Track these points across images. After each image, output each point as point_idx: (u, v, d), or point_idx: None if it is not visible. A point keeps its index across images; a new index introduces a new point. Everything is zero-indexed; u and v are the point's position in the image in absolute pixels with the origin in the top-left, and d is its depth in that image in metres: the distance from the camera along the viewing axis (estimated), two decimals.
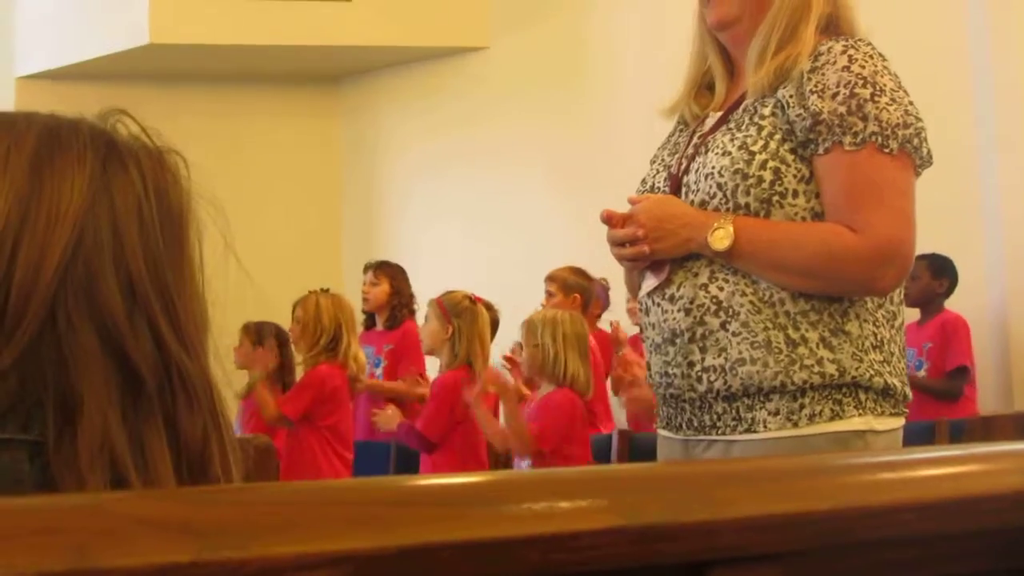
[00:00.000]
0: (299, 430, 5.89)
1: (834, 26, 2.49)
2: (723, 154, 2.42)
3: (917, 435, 5.06)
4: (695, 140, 2.53)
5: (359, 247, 8.99)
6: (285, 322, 6.62)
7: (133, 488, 0.95)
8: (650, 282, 2.49)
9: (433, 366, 6.24)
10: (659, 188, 2.55)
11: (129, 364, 1.01)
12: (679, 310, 2.44)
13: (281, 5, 8.55)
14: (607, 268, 6.63)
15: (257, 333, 6.47)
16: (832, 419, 2.35)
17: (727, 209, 2.40)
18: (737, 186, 2.39)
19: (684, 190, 2.48)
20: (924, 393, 6.39)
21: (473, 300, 5.69)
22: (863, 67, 2.39)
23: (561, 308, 6.33)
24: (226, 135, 9.17)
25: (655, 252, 2.44)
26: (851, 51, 2.40)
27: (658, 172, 2.58)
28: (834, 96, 2.37)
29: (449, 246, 8.66)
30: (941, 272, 6.66)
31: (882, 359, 2.40)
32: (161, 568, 0.72)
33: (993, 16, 6.98)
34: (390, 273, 7.01)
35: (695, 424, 2.45)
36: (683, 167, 2.50)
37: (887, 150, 2.36)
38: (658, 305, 2.48)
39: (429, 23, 8.73)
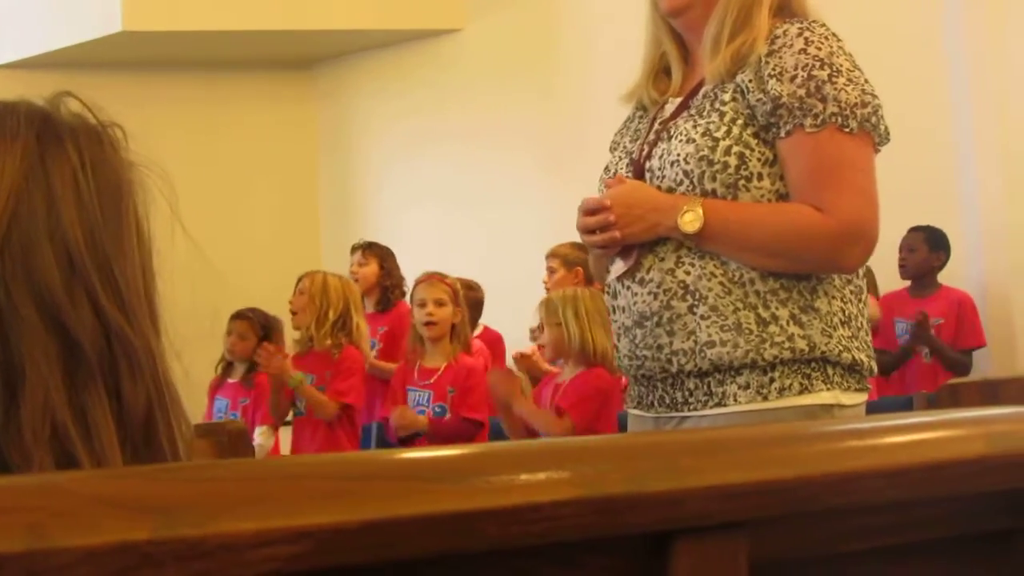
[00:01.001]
0: (340, 416, 5.87)
1: (787, 8, 2.51)
2: (687, 141, 2.45)
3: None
4: (655, 127, 2.56)
5: (338, 231, 8.98)
6: (266, 307, 6.61)
7: (79, 462, 0.95)
8: (619, 267, 2.52)
9: None
10: (621, 172, 2.58)
11: (69, 335, 1.02)
12: (648, 293, 2.47)
13: None
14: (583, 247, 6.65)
15: (264, 327, 6.44)
16: (801, 393, 2.39)
17: (694, 195, 2.43)
18: (703, 172, 2.42)
19: (648, 176, 2.51)
20: (937, 355, 6.46)
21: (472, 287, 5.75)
22: (819, 48, 2.42)
23: (564, 283, 6.34)
24: (201, 122, 9.14)
25: (625, 237, 2.47)
26: (807, 33, 2.43)
27: (620, 159, 2.61)
28: (792, 79, 2.40)
29: (427, 228, 8.66)
30: (938, 245, 6.70)
31: (850, 335, 2.44)
32: (118, 546, 0.72)
33: (968, 1, 7.00)
34: (379, 253, 6.99)
35: (666, 401, 2.49)
36: (644, 153, 2.54)
37: (847, 129, 2.40)
38: (628, 288, 2.51)
39: (403, 6, 8.70)
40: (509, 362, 6.95)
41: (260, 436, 6.23)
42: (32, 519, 0.71)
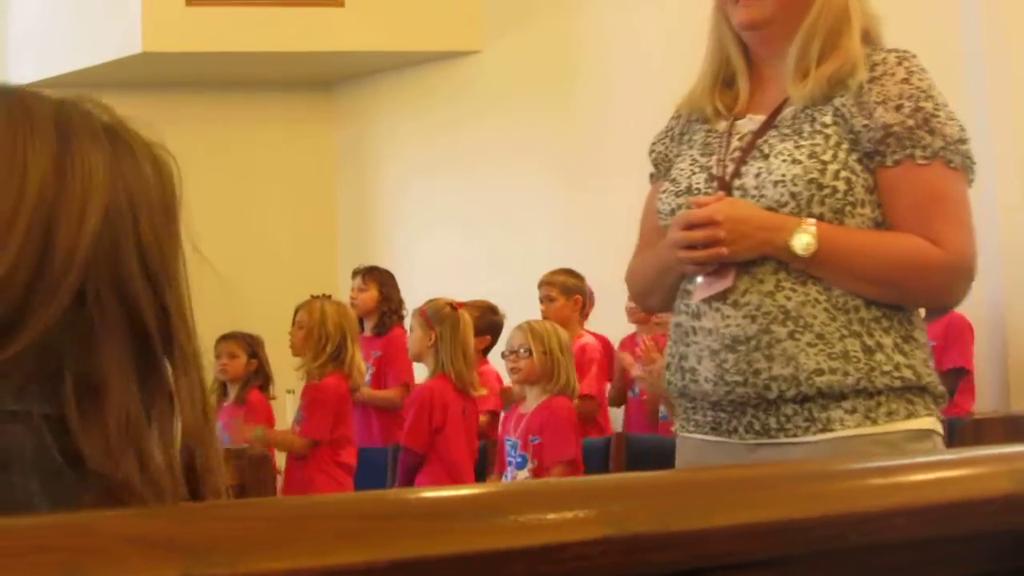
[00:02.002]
0: (322, 447, 5.87)
1: (867, 35, 2.48)
2: (792, 162, 2.39)
3: None
4: (734, 142, 2.49)
5: (355, 252, 8.99)
6: (283, 327, 6.63)
7: (155, 460, 0.96)
8: (707, 287, 2.43)
9: (421, 374, 6.26)
10: (699, 189, 2.49)
11: (147, 341, 1.03)
12: (744, 317, 2.39)
13: (274, 11, 8.55)
14: (603, 268, 6.63)
15: (250, 344, 6.50)
16: (907, 418, 2.37)
17: (802, 218, 2.38)
18: (812, 196, 2.37)
19: (738, 194, 2.43)
20: None
21: (455, 307, 5.69)
22: (921, 80, 2.41)
23: (564, 311, 6.37)
24: (220, 142, 9.17)
25: (732, 254, 2.39)
26: (906, 63, 2.42)
27: (694, 173, 2.52)
28: (898, 108, 2.38)
29: (444, 250, 8.66)
30: None
31: (933, 364, 2.44)
32: None
33: (985, 4, 6.98)
34: (379, 279, 7.00)
35: (756, 428, 2.41)
36: (731, 170, 2.46)
37: (952, 165, 2.39)
38: (717, 310, 2.43)
39: (421, 27, 8.72)
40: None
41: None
42: (65, 558, 0.72)
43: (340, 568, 0.77)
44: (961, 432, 5.38)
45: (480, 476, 5.63)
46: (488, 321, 6.36)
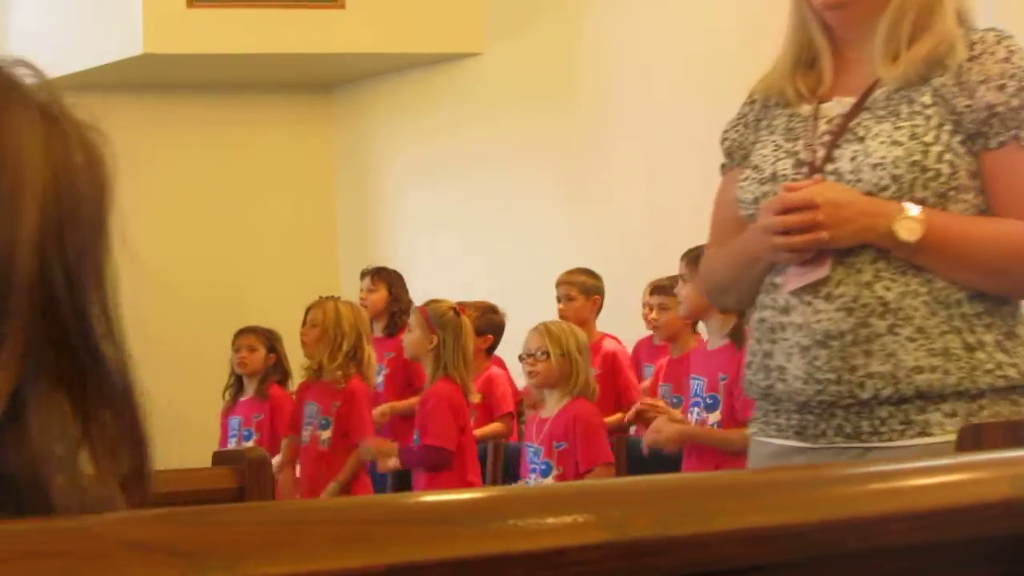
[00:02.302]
0: (336, 446, 5.88)
1: (961, 19, 2.38)
2: (892, 143, 2.28)
3: None
4: (824, 126, 2.37)
5: (355, 254, 9.00)
6: (283, 329, 6.64)
7: (83, 479, 0.90)
8: (809, 276, 2.29)
9: None
10: (786, 175, 2.37)
11: (72, 349, 0.93)
12: (837, 310, 2.27)
13: (275, 13, 8.55)
14: (604, 269, 6.64)
15: (269, 339, 6.52)
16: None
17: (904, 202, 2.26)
18: (915, 179, 2.26)
19: (833, 178, 2.31)
20: None
21: (458, 312, 5.67)
22: (1022, 60, 2.31)
23: (582, 311, 6.35)
24: (220, 144, 9.17)
25: (833, 239, 2.25)
26: (1005, 42, 2.32)
27: (779, 159, 2.39)
28: (1001, 88, 2.28)
29: (445, 252, 8.67)
30: None
31: None
32: None
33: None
34: (388, 279, 7.01)
35: (846, 431, 2.28)
36: (820, 155, 2.34)
37: None
38: (807, 304, 2.29)
39: (422, 29, 8.73)
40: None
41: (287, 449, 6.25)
42: (62, 562, 0.72)
43: (338, 572, 0.76)
44: (961, 438, 5.34)
45: (510, 482, 5.61)
46: (488, 321, 6.36)
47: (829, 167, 2.32)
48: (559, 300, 6.49)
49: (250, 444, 6.10)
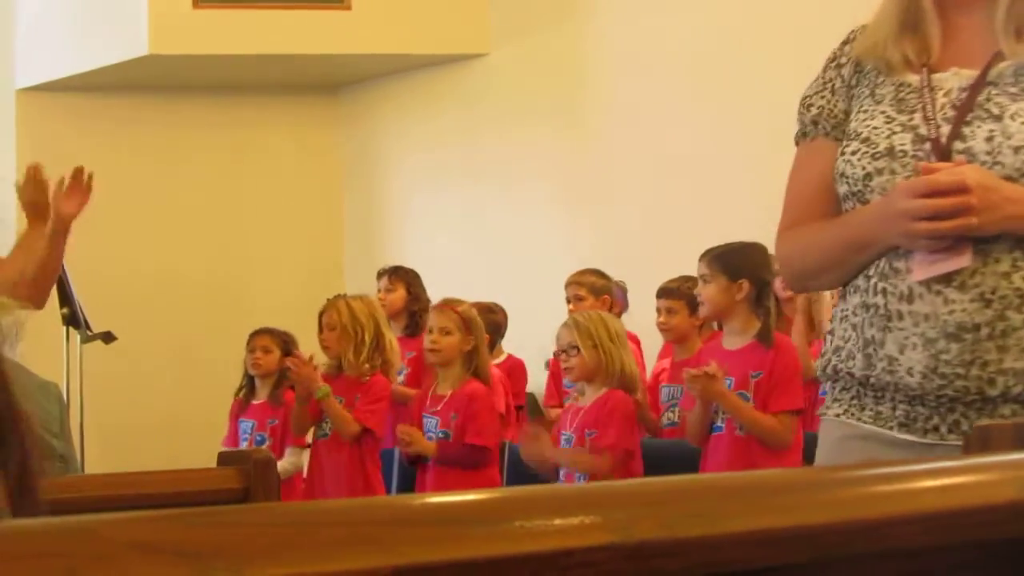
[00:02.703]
0: (364, 440, 5.87)
1: None
2: None
3: None
4: (942, 99, 2.21)
5: (361, 255, 9.00)
6: (292, 330, 6.63)
7: None
8: (947, 264, 2.13)
9: None
10: (905, 151, 2.20)
11: None
12: (972, 301, 2.12)
13: (281, 14, 8.56)
14: (610, 272, 6.64)
15: (285, 341, 6.50)
16: None
17: None
18: None
19: (966, 159, 2.15)
20: None
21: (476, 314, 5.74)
22: None
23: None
24: (226, 145, 9.18)
25: (982, 225, 2.09)
26: None
27: (894, 132, 2.22)
28: None
29: (450, 253, 8.66)
30: None
31: None
32: None
33: None
34: (405, 278, 6.99)
35: (964, 427, 2.13)
36: (945, 131, 2.18)
37: None
38: (937, 293, 2.13)
39: (428, 30, 8.73)
40: (532, 387, 6.95)
41: (291, 455, 6.24)
42: (68, 564, 0.71)
43: (345, 574, 0.76)
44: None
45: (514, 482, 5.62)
46: (488, 320, 6.35)
47: (959, 145, 2.16)
48: (568, 301, 6.49)
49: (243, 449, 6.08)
